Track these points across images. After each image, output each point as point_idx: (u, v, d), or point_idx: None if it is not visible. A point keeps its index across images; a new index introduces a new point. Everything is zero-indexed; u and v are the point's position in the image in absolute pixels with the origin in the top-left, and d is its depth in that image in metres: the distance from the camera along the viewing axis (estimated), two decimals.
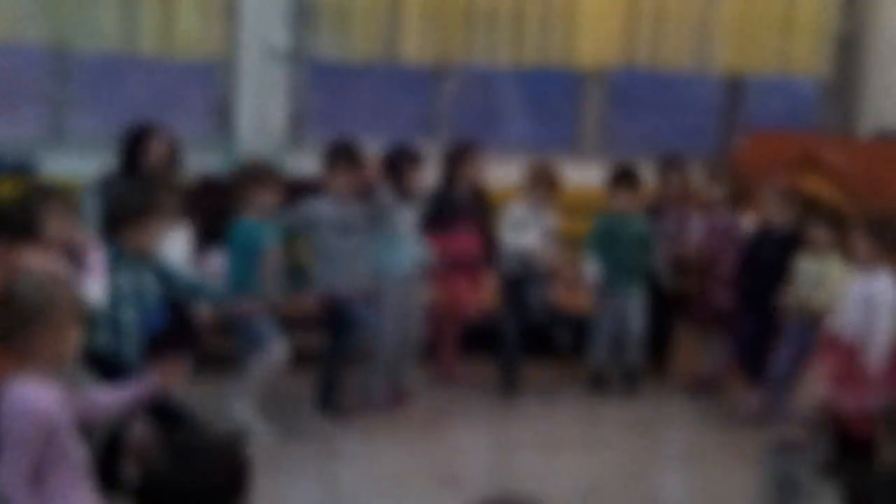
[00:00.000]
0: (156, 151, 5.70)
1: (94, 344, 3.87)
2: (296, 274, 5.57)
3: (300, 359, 5.36)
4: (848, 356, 4.84)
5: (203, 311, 5.15)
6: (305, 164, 6.15)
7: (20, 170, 6.42)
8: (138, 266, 4.38)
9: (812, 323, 5.31)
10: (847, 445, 4.58)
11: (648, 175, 6.41)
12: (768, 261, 5.67)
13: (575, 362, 6.19)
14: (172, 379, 3.46)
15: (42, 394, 2.90)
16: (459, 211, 5.92)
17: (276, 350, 5.11)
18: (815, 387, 5.02)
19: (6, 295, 2.95)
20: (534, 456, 5.25)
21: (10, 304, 2.92)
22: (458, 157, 5.98)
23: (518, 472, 5.07)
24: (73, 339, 3.02)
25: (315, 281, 5.49)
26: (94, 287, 4.21)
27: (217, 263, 5.24)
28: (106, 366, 3.93)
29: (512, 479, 4.91)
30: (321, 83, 7.45)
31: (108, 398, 3.32)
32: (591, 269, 6.00)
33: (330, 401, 5.45)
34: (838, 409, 4.83)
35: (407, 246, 5.59)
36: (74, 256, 4.20)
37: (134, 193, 4.78)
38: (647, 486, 4.92)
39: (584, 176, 7.20)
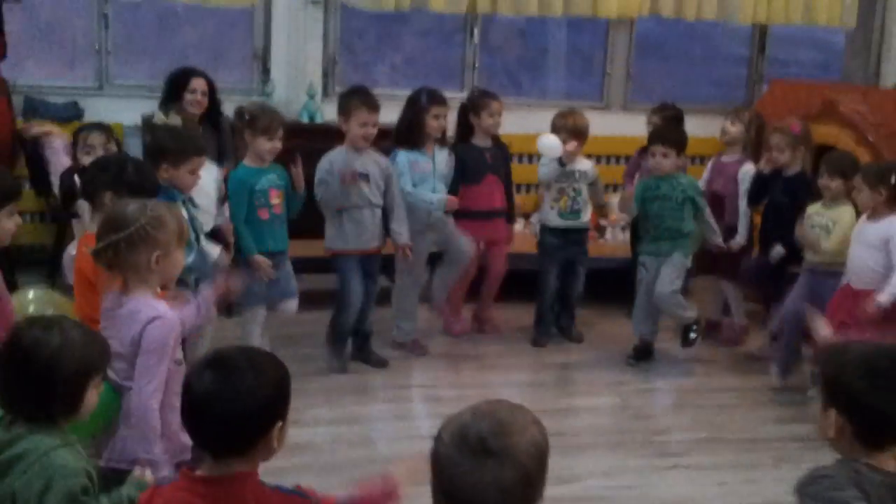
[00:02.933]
0: (195, 92, 5.93)
1: None
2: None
3: (313, 299, 5.60)
4: (856, 301, 4.95)
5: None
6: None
7: (68, 116, 6.76)
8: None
9: (822, 271, 5.32)
10: None
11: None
12: (776, 202, 5.71)
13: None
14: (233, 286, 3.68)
15: (164, 305, 3.01)
16: (481, 161, 5.91)
17: (288, 305, 5.19)
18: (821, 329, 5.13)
19: (114, 219, 3.01)
20: (556, 397, 5.40)
21: (119, 225, 2.96)
22: (474, 108, 5.94)
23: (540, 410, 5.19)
24: (179, 261, 3.09)
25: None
26: None
27: None
28: None
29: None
30: (352, 32, 7.66)
31: (187, 312, 3.27)
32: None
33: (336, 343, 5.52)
34: None
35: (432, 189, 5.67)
36: None
37: (171, 132, 4.83)
38: (649, 424, 5.13)
39: (611, 126, 7.43)
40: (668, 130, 5.94)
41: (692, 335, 5.77)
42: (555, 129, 5.98)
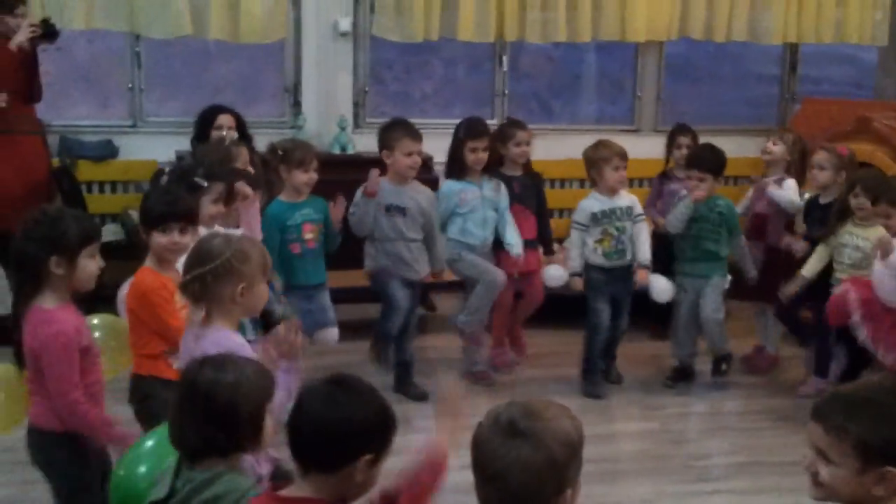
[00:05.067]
0: (220, 128, 5.89)
1: None
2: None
3: (352, 329, 5.59)
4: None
5: None
6: (369, 142, 6.24)
7: (102, 155, 6.84)
8: None
9: None
10: None
11: None
12: (812, 229, 5.60)
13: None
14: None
15: (243, 340, 3.02)
16: (512, 190, 5.77)
17: (328, 335, 5.22)
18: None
19: (199, 253, 3.04)
20: (594, 423, 5.17)
21: (205, 259, 2.99)
22: (501, 138, 5.79)
23: None
24: (263, 294, 3.11)
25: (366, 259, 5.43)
26: None
27: None
28: None
29: None
30: (382, 62, 7.71)
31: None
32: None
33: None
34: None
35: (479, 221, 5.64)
36: None
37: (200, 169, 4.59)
38: (688, 449, 5.09)
39: (642, 149, 7.40)
40: (703, 155, 5.72)
41: (724, 367, 5.70)
42: (591, 162, 5.66)
